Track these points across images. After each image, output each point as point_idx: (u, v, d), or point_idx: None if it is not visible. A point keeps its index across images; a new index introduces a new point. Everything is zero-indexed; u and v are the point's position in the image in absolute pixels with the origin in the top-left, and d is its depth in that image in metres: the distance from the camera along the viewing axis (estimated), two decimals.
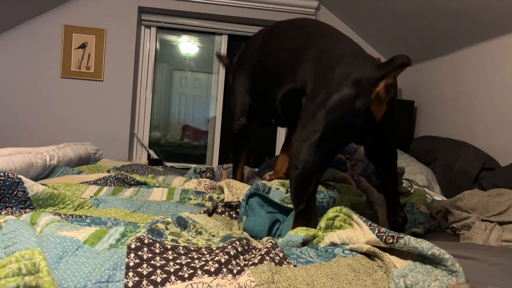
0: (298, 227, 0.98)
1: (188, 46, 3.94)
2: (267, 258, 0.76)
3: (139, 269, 0.70)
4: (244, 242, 0.84)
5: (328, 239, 0.93)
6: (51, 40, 3.46)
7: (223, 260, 0.74)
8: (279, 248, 0.82)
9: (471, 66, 2.63)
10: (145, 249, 0.76)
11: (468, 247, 1.04)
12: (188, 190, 1.50)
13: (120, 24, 3.52)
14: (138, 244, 0.76)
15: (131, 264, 0.71)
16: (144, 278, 0.68)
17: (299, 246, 0.93)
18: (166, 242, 0.82)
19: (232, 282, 0.68)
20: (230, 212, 1.21)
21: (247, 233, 1.05)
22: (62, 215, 1.06)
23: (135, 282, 0.67)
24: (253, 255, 0.80)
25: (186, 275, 0.69)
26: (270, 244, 0.83)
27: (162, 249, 0.78)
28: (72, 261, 0.70)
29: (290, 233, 0.96)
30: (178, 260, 0.74)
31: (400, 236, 0.80)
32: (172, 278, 0.69)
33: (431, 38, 2.93)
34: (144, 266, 0.71)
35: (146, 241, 0.78)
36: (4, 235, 0.76)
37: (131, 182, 1.63)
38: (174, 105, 3.96)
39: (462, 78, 2.73)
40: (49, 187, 1.26)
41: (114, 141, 3.57)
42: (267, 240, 0.87)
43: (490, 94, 2.43)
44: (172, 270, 0.71)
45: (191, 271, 0.70)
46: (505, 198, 1.33)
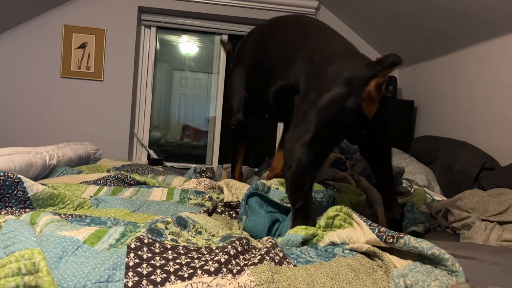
0: (298, 226, 0.98)
1: (188, 46, 3.94)
2: (267, 258, 0.76)
3: (139, 269, 0.70)
4: (244, 242, 0.84)
5: (328, 238, 0.93)
6: (51, 40, 3.46)
7: (223, 260, 0.73)
8: (279, 248, 0.82)
9: (471, 66, 2.63)
10: (145, 248, 0.76)
11: (468, 247, 1.04)
12: (188, 190, 1.50)
13: (120, 24, 3.52)
14: (138, 244, 0.76)
15: (131, 264, 0.70)
16: (144, 278, 0.68)
17: (299, 245, 0.93)
18: (166, 242, 0.82)
19: (232, 282, 0.68)
20: (229, 212, 1.21)
21: (247, 232, 1.05)
22: (62, 215, 1.06)
23: (135, 282, 0.67)
24: (253, 255, 0.80)
25: (186, 275, 0.69)
26: (270, 244, 0.83)
27: (162, 248, 0.78)
28: (71, 261, 0.70)
29: (289, 232, 0.96)
30: (178, 260, 0.74)
31: (400, 236, 0.80)
32: (172, 278, 0.69)
33: (431, 38, 2.92)
34: (144, 266, 0.71)
35: (146, 240, 0.78)
36: (3, 235, 0.76)
37: (131, 182, 1.63)
38: (174, 105, 3.96)
39: (462, 78, 2.73)
40: (49, 187, 1.26)
41: (114, 141, 3.56)
42: (267, 239, 0.87)
43: (490, 94, 2.43)
44: (172, 270, 0.71)
45: (191, 271, 0.70)
46: (505, 198, 1.33)
